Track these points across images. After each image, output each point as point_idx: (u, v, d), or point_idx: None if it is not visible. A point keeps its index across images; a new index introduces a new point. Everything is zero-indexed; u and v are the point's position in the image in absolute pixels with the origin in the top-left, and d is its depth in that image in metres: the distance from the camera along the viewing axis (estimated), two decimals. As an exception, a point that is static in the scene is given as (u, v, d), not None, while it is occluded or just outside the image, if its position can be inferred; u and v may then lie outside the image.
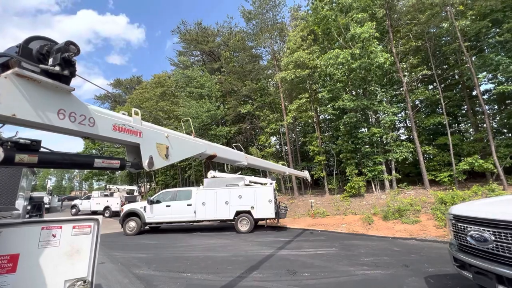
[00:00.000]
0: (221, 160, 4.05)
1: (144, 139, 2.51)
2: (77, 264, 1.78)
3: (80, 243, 1.83)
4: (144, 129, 2.52)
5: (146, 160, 2.48)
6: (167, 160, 2.77)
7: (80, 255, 1.80)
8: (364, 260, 6.41)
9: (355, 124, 16.31)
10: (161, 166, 2.76)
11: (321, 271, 5.61)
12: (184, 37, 26.44)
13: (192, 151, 3.22)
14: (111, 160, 2.20)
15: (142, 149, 2.46)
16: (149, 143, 2.57)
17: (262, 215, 11.35)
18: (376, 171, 15.51)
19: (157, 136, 2.69)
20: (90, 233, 1.88)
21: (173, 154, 2.85)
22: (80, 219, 1.88)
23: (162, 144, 2.73)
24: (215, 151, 3.68)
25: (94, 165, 2.04)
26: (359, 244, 8.34)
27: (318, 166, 18.71)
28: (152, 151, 2.58)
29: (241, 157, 4.48)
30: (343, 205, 15.09)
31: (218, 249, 8.23)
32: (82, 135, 2.01)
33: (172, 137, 2.86)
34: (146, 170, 2.51)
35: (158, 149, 2.67)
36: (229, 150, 4.23)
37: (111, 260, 7.16)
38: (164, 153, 2.73)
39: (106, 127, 2.12)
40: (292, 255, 7.09)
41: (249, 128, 24.21)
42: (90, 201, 24.01)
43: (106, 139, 2.20)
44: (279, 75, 17.82)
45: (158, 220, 12.07)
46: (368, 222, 11.54)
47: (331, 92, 16.59)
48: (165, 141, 2.77)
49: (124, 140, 2.29)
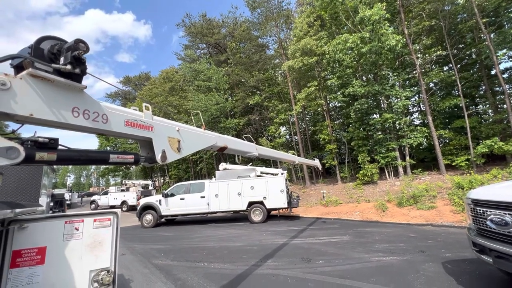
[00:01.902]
0: (232, 152, 4.08)
1: (156, 133, 2.55)
2: (100, 255, 1.86)
3: (102, 235, 1.90)
4: (155, 124, 2.55)
5: (159, 154, 2.53)
6: (179, 153, 2.82)
7: (102, 246, 1.88)
8: (379, 247, 6.38)
9: (366, 111, 15.94)
10: (174, 159, 2.81)
11: (335, 259, 5.65)
12: (189, 30, 26.30)
13: (203, 143, 3.25)
14: (125, 155, 2.26)
15: (154, 143, 2.51)
16: (161, 137, 2.61)
17: (275, 205, 11.44)
18: (389, 158, 15.21)
19: (169, 130, 2.73)
20: (110, 225, 1.96)
21: (185, 147, 2.89)
22: (100, 213, 1.95)
23: (173, 138, 2.77)
24: (225, 142, 3.70)
25: (110, 161, 2.10)
26: (373, 231, 8.30)
27: (329, 154, 18.53)
28: (164, 145, 2.63)
29: (252, 148, 4.50)
30: (356, 192, 14.97)
31: (233, 239, 8.40)
32: (96, 132, 2.06)
33: (183, 131, 2.89)
34: (159, 163, 2.57)
35: (170, 142, 2.71)
36: (240, 141, 4.25)
37: (131, 252, 7.45)
38: (176, 147, 2.77)
39: (119, 123, 2.17)
40: (306, 244, 7.15)
41: (258, 119, 24.14)
42: (108, 196, 24.90)
43: (119, 135, 2.25)
44: (287, 64, 17.52)
45: (173, 212, 12.40)
46: (382, 209, 11.43)
47: (340, 78, 16.21)
48: (176, 134, 2.80)
49: (137, 135, 2.34)
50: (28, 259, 1.63)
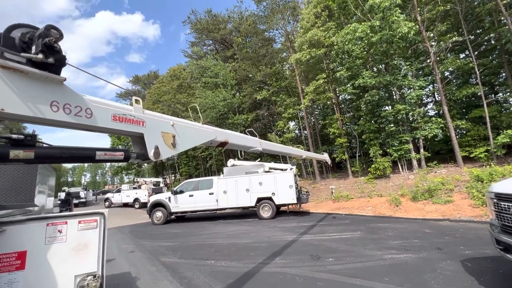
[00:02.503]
0: (234, 147, 3.91)
1: (148, 128, 2.40)
2: (86, 259, 1.75)
3: (87, 237, 1.78)
4: (147, 118, 2.41)
5: (151, 150, 2.39)
6: (174, 149, 2.67)
7: (88, 249, 1.76)
8: (392, 243, 6.10)
9: (378, 102, 15.40)
10: (168, 156, 2.67)
11: (346, 256, 5.43)
12: (195, 27, 26.17)
13: (201, 138, 3.10)
14: (114, 152, 2.13)
15: (146, 138, 2.37)
16: (154, 133, 2.46)
17: (284, 201, 11.25)
18: (402, 151, 14.68)
19: (162, 124, 2.58)
20: (97, 227, 1.83)
21: (180, 143, 2.74)
22: (86, 214, 1.83)
23: (168, 133, 2.62)
24: (226, 137, 3.53)
25: (96, 158, 1.97)
26: (386, 227, 7.99)
27: (340, 148, 18.11)
28: (157, 140, 2.48)
29: (255, 142, 4.31)
30: (368, 187, 14.56)
31: (241, 236, 8.30)
32: (80, 128, 1.93)
33: (178, 125, 2.74)
34: (152, 160, 2.43)
35: (164, 138, 2.57)
36: (242, 136, 4.07)
37: (139, 249, 7.48)
38: (170, 142, 2.62)
39: (105, 117, 2.03)
40: (315, 240, 6.95)
41: (266, 114, 23.88)
42: (121, 194, 25.42)
43: (106, 131, 2.12)
44: (294, 57, 17.12)
45: (182, 209, 12.44)
46: (396, 204, 11.04)
47: (349, 70, 15.70)
48: (171, 129, 2.66)
49: (126, 130, 2.20)
50: (6, 264, 1.53)
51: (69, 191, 30.18)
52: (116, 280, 5.10)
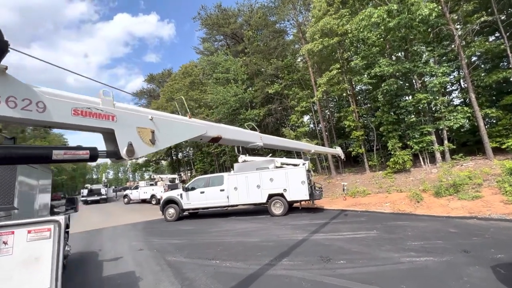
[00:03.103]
0: (229, 143, 3.61)
1: (120, 123, 2.15)
2: (37, 274, 1.52)
3: (39, 249, 1.56)
4: (118, 112, 2.15)
5: (124, 148, 2.13)
6: (153, 146, 2.40)
7: (39, 263, 1.53)
8: (412, 244, 5.59)
9: (396, 92, 14.45)
10: (146, 154, 2.41)
11: (359, 258, 5.01)
12: (206, 23, 25.99)
13: (188, 133, 2.82)
14: (77, 151, 1.89)
15: (117, 135, 2.12)
16: (127, 128, 2.21)
17: (296, 197, 10.88)
18: (424, 143, 13.72)
19: (138, 119, 2.32)
20: (50, 237, 1.60)
21: (161, 139, 2.47)
22: (37, 222, 1.60)
23: (145, 128, 2.36)
24: (219, 132, 3.24)
25: (54, 158, 1.74)
26: (406, 225, 7.42)
27: (356, 142, 17.32)
28: (131, 137, 2.22)
29: (255, 137, 3.98)
30: (386, 182, 13.81)
31: (251, 234, 8.06)
32: (31, 124, 1.70)
33: (158, 119, 2.47)
34: (125, 159, 2.19)
35: (140, 134, 2.31)
36: (239, 130, 3.76)
37: (148, 247, 7.46)
38: (148, 138, 2.36)
39: (64, 112, 1.79)
40: (327, 240, 6.56)
41: (279, 109, 23.36)
42: (139, 190, 26.11)
43: (65, 127, 1.88)
44: (305, 48, 16.45)
45: (194, 206, 12.42)
46: (417, 200, 10.33)
47: (365, 59, 14.83)
48: (149, 124, 2.39)
49: (92, 126, 1.95)
50: None
51: (91, 188, 31.48)
52: (119, 280, 5.03)
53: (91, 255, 7.13)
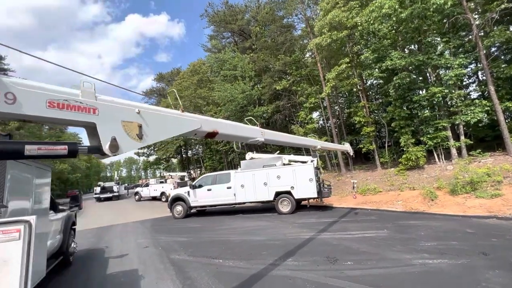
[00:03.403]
0: (227, 138, 3.46)
1: (102, 117, 2.02)
2: (5, 278, 1.40)
3: (6, 252, 1.44)
4: (101, 105, 2.02)
5: (106, 143, 2.00)
6: (141, 141, 2.27)
7: (7, 267, 1.42)
8: (425, 245, 5.28)
9: (409, 86, 13.89)
10: (132, 149, 2.28)
11: (368, 259, 4.76)
12: (213, 20, 25.87)
13: (180, 128, 2.68)
14: (54, 146, 1.77)
15: (99, 129, 1.99)
16: (111, 122, 2.07)
17: (303, 195, 10.64)
18: (438, 138, 13.13)
19: (123, 112, 2.18)
20: (20, 238, 1.49)
21: (150, 134, 2.33)
22: (4, 222, 1.49)
23: (132, 122, 2.22)
24: (215, 127, 3.08)
25: (26, 153, 1.62)
26: (419, 224, 7.07)
27: (367, 138, 16.83)
28: (116, 131, 2.09)
29: (256, 132, 3.80)
30: (398, 179, 13.34)
31: (256, 232, 7.92)
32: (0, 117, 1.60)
33: (146, 113, 2.33)
34: (109, 155, 2.06)
35: (125, 128, 2.17)
36: (238, 125, 3.59)
37: (154, 245, 7.44)
38: (135, 133, 2.22)
39: (37, 104, 1.66)
40: (334, 239, 6.32)
41: (288, 105, 23.02)
42: (149, 188, 26.48)
43: (40, 120, 1.76)
44: (313, 42, 16.05)
45: (201, 203, 12.40)
46: (431, 198, 9.88)
47: (376, 52, 14.31)
48: (136, 118, 2.25)
49: (70, 119, 1.82)
50: None
51: (104, 185, 32.20)
52: (122, 278, 5.00)
53: (98, 252, 7.18)
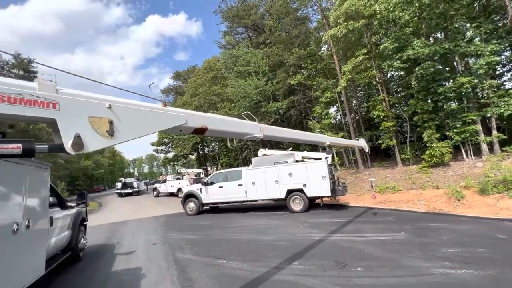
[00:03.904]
0: (219, 134, 3.21)
1: (64, 112, 1.84)
2: None
3: None
4: (62, 99, 1.84)
5: (69, 141, 1.83)
6: (112, 138, 2.06)
7: None
8: (447, 251, 4.76)
9: (433, 77, 12.87)
10: (101, 147, 2.08)
11: (380, 266, 4.36)
12: (226, 15, 25.68)
13: (160, 124, 2.46)
14: (4, 145, 1.62)
15: (60, 126, 1.80)
16: (74, 118, 1.89)
17: (316, 193, 10.22)
18: (467, 133, 12.08)
19: (90, 107, 1.99)
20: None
21: (123, 130, 2.13)
22: None
23: (101, 118, 2.03)
24: (203, 122, 2.84)
25: None
26: (441, 227, 6.46)
27: (387, 133, 15.93)
28: (81, 128, 1.90)
29: (253, 128, 3.52)
30: (421, 177, 12.48)
31: (265, 232, 7.67)
32: None
33: (119, 108, 2.13)
34: (72, 154, 1.88)
35: (93, 124, 1.98)
36: (232, 120, 3.34)
37: (162, 242, 7.45)
38: (105, 130, 2.02)
39: (-18, 98, 1.53)
40: (346, 241, 5.92)
41: (303, 101, 22.41)
42: (166, 184, 27.07)
43: (-13, 116, 1.62)
44: (328, 33, 15.35)
45: (213, 200, 12.35)
46: (457, 198, 9.10)
47: (396, 41, 13.38)
48: (106, 113, 2.05)
49: (25, 116, 1.64)
50: None
51: (125, 181, 33.43)
52: (124, 276, 4.98)
53: (108, 248, 7.31)
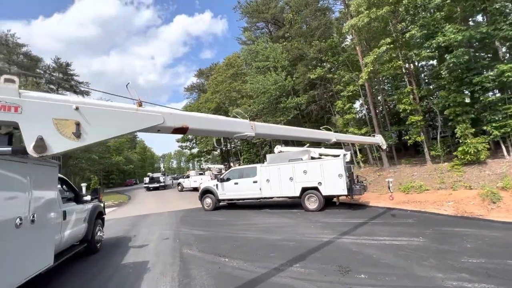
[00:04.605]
0: (203, 133, 3.13)
1: (27, 115, 1.87)
2: None
3: None
4: (25, 102, 1.87)
5: (31, 144, 1.86)
6: (78, 140, 2.08)
7: None
8: (468, 261, 4.25)
9: (468, 65, 11.61)
10: (67, 149, 2.10)
11: (387, 274, 4.02)
12: (246, 11, 25.49)
13: (136, 124, 2.43)
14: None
15: (22, 128, 1.84)
16: (38, 120, 1.92)
17: (332, 191, 9.82)
18: (508, 127, 10.78)
19: (55, 109, 2.01)
20: None
21: (92, 132, 2.13)
22: None
23: (66, 120, 2.04)
24: (184, 122, 2.77)
25: None
26: (467, 233, 5.82)
27: (415, 128, 14.79)
28: (45, 130, 1.94)
29: (243, 126, 3.40)
30: (452, 176, 11.43)
31: (274, 230, 7.54)
32: None
33: (87, 110, 2.13)
34: (35, 156, 1.91)
35: (58, 126, 2.00)
36: (218, 119, 3.24)
37: (174, 237, 7.65)
38: (71, 131, 2.03)
39: None
40: (355, 244, 5.58)
41: (325, 96, 21.62)
42: (189, 179, 27.98)
43: None
44: (349, 24, 14.53)
45: (228, 197, 12.46)
46: (492, 200, 8.19)
47: (425, 27, 12.25)
48: (73, 115, 2.07)
49: (-17, 119, 1.73)
50: None
51: (152, 176, 35.16)
52: (131, 269, 5.18)
53: (125, 240, 7.68)
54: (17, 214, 3.18)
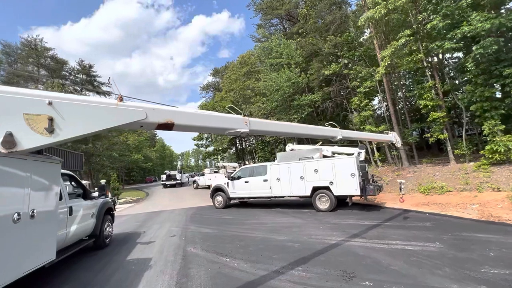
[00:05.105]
0: (191, 129, 2.98)
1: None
2: None
3: None
4: (-7, 97, 1.85)
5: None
6: (51, 135, 2.03)
7: None
8: (488, 272, 3.82)
9: (497, 56, 10.67)
10: (39, 145, 2.05)
11: (393, 282, 3.70)
12: (259, 7, 25.24)
13: (114, 120, 2.34)
14: None
15: (-11, 124, 1.82)
16: (7, 115, 1.88)
17: (344, 191, 9.42)
18: (543, 124, 9.79)
19: (25, 104, 1.96)
20: None
21: (66, 127, 2.07)
22: None
23: (38, 115, 1.99)
24: (169, 117, 2.66)
25: None
26: (491, 240, 5.29)
27: (437, 125, 13.90)
28: (15, 125, 1.90)
29: (236, 122, 3.24)
30: (478, 177, 10.58)
31: (281, 231, 7.33)
32: None
33: (61, 104, 2.07)
34: (3, 151, 1.87)
35: (28, 122, 1.96)
36: (207, 114, 3.10)
37: (181, 234, 7.68)
38: (43, 127, 1.98)
39: None
40: (364, 248, 5.26)
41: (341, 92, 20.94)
42: (204, 177, 28.33)
43: None
44: (365, 16, 13.87)
45: (239, 195, 12.38)
46: (523, 204, 7.43)
47: (448, 17, 11.41)
48: (46, 110, 2.01)
49: None
50: None
51: (169, 173, 35.99)
52: (133, 266, 5.22)
53: (134, 236, 7.82)
54: (15, 209, 3.25)
